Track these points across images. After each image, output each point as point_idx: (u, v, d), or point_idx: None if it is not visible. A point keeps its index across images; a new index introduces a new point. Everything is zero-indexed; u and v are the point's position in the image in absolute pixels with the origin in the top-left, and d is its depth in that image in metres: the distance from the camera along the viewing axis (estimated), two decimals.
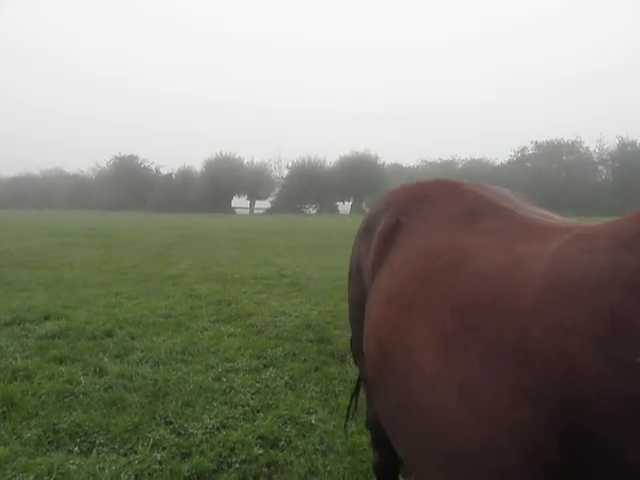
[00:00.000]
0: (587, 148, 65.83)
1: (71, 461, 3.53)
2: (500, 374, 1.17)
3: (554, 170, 63.36)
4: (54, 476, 3.36)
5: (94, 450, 3.72)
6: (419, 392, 1.38)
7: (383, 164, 73.30)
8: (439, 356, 1.33)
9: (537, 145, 68.31)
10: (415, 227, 1.87)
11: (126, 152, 77.85)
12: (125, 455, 3.68)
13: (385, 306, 1.67)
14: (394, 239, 1.91)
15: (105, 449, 3.74)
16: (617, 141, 62.26)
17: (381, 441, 2.38)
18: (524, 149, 69.31)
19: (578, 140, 65.75)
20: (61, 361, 5.49)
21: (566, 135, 68.53)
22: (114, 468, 3.46)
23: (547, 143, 67.31)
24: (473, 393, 1.21)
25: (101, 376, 5.11)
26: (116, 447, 3.77)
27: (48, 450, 3.71)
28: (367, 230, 2.23)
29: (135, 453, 3.69)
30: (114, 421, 4.11)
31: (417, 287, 1.55)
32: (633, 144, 61.06)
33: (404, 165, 77.08)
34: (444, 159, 75.14)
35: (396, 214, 2.01)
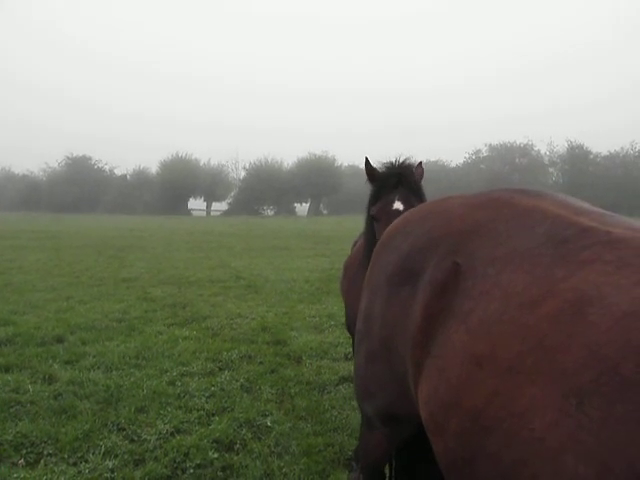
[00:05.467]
0: (538, 151, 67.85)
1: (15, 474, 3.40)
2: None
3: (507, 172, 64.98)
4: None
5: (42, 461, 3.60)
6: (538, 467, 1.15)
7: (340, 165, 73.59)
8: (568, 418, 1.10)
9: (491, 147, 69.90)
10: (484, 270, 1.55)
11: (79, 152, 75.83)
12: (75, 464, 3.58)
13: (473, 370, 1.39)
14: (457, 287, 1.58)
15: (54, 459, 3.64)
16: (566, 144, 64.46)
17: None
18: (478, 151, 70.78)
19: (530, 143, 67.69)
20: (7, 369, 5.30)
21: (518, 138, 70.11)
22: (63, 479, 3.37)
23: (500, 145, 68.97)
24: (627, 458, 0.99)
25: (50, 383, 4.96)
26: (65, 457, 3.67)
27: None
28: (404, 275, 1.84)
29: (86, 462, 3.60)
30: (64, 430, 4.00)
31: (518, 343, 1.30)
32: (581, 147, 63.23)
33: (361, 167, 77.34)
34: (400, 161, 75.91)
35: (449, 255, 1.67)
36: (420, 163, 3.43)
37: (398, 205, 3.14)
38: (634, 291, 1.17)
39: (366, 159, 3.46)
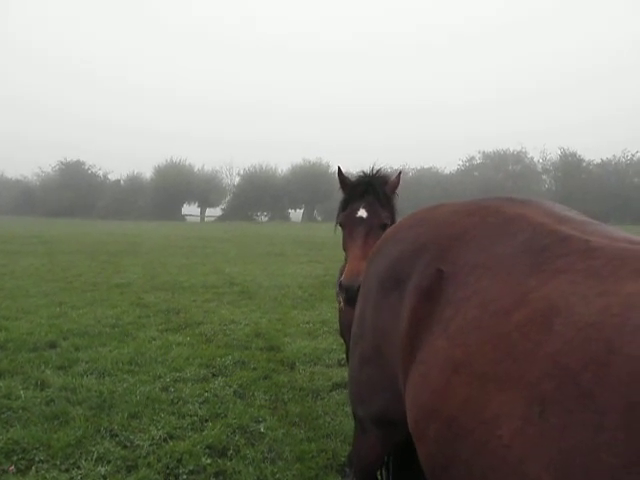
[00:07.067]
0: (531, 158, 68.36)
1: None
2: (620, 442, 0.97)
3: (501, 179, 65.42)
4: None
5: (33, 467, 3.58)
6: (505, 473, 1.16)
7: (335, 172, 73.82)
8: (532, 425, 1.13)
9: (484, 155, 70.37)
10: (465, 277, 1.57)
11: (72, 157, 75.69)
12: (67, 471, 3.56)
13: (450, 376, 1.41)
14: (440, 294, 1.61)
15: (45, 466, 3.61)
16: (559, 152, 64.97)
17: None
18: (472, 158, 71.27)
19: (523, 150, 68.25)
20: None
21: (512, 145, 70.63)
22: None
23: (494, 153, 69.47)
24: (583, 465, 1.01)
25: (42, 389, 4.94)
26: (57, 463, 3.64)
27: None
28: (393, 280, 1.87)
29: (78, 468, 3.58)
30: (56, 436, 3.98)
31: (490, 351, 1.32)
32: (574, 155, 63.76)
33: (355, 173, 77.50)
34: (394, 167, 76.17)
35: (434, 261, 1.70)
36: (399, 174, 3.46)
37: (362, 213, 3.21)
38: (597, 302, 1.19)
39: (338, 168, 3.55)
